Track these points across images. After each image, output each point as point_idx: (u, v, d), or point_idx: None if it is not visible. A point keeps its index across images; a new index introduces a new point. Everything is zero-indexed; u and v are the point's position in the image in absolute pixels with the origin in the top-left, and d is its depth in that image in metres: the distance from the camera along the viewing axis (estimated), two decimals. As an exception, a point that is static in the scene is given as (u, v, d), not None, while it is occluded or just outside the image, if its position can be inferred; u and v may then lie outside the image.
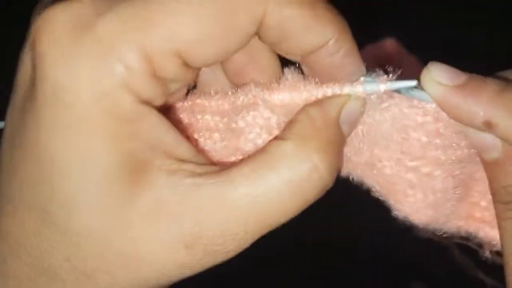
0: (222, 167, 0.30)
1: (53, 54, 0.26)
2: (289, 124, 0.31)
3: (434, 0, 0.99)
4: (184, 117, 0.33)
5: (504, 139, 0.32)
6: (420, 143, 0.35)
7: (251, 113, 0.32)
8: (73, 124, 0.26)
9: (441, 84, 0.32)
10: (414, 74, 0.36)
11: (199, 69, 0.30)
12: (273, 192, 0.28)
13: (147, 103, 0.27)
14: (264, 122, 0.32)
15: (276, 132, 0.32)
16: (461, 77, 0.33)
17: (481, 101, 0.32)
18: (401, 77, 0.35)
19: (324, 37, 0.30)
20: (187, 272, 0.29)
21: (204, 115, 0.32)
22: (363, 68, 0.34)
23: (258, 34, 0.29)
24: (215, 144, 0.33)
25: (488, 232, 0.40)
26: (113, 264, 0.28)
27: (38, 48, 0.26)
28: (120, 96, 0.26)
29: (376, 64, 0.34)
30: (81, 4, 0.26)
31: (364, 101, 0.33)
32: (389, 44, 0.95)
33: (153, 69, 0.27)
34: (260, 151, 0.30)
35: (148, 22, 0.26)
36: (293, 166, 0.29)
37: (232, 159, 0.33)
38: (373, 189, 0.38)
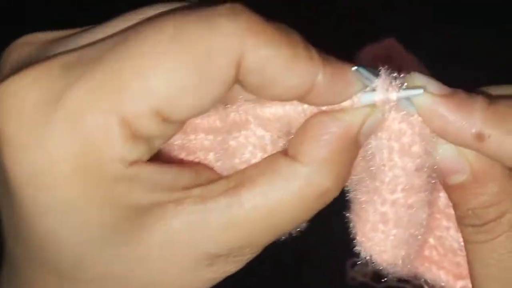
0: (228, 182, 0.30)
1: (22, 137, 0.23)
2: (302, 137, 0.30)
3: (434, 0, 1.00)
4: (177, 138, 0.32)
5: (492, 153, 0.31)
6: (404, 171, 0.33)
7: (243, 132, 0.31)
8: (59, 207, 0.25)
9: (428, 92, 0.31)
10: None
11: (183, 122, 0.28)
12: (284, 212, 0.29)
13: (134, 162, 0.26)
14: (257, 141, 0.31)
15: (270, 149, 0.32)
16: (447, 88, 0.31)
17: (472, 112, 0.30)
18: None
19: (309, 76, 0.28)
20: (210, 284, 0.31)
21: (197, 134, 0.32)
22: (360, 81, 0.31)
23: (239, 80, 0.27)
24: (211, 164, 0.32)
25: (435, 273, 0.38)
26: None
27: (4, 131, 0.24)
28: (103, 167, 0.25)
29: (375, 63, 0.33)
30: (49, 76, 0.25)
31: (384, 110, 0.31)
32: (389, 44, 0.95)
33: (132, 132, 0.25)
34: (270, 169, 0.30)
35: (119, 85, 0.24)
36: (306, 191, 0.29)
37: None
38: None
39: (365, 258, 0.35)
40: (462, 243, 0.36)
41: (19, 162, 0.23)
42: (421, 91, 0.31)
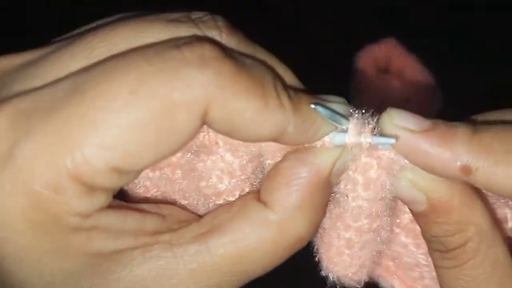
0: (199, 227, 0.29)
1: None
2: (273, 183, 0.29)
3: (435, 0, 1.00)
4: None
5: (483, 185, 0.30)
6: (367, 202, 0.32)
7: (211, 157, 0.30)
8: (15, 255, 0.24)
9: (407, 130, 0.30)
10: (414, 74, 0.35)
11: (143, 170, 0.27)
12: (254, 259, 0.29)
13: (92, 213, 0.25)
14: (225, 166, 0.30)
15: (239, 174, 0.31)
16: (426, 122, 0.30)
17: (455, 145, 0.29)
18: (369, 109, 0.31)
19: (279, 126, 0.27)
20: None
21: None
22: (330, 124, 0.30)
23: (206, 123, 0.26)
24: (177, 181, 0.31)
25: (389, 281, 0.38)
26: None
27: None
28: (57, 221, 0.24)
29: (375, 64, 0.33)
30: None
31: (353, 151, 0.30)
32: (389, 44, 0.95)
33: (88, 187, 0.24)
34: (242, 214, 0.29)
35: (71, 142, 0.23)
36: (277, 239, 0.29)
37: (196, 200, 0.31)
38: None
39: (333, 280, 0.35)
40: (421, 260, 0.36)
41: None
42: (393, 140, 0.30)
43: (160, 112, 0.23)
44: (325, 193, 0.30)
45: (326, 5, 1.03)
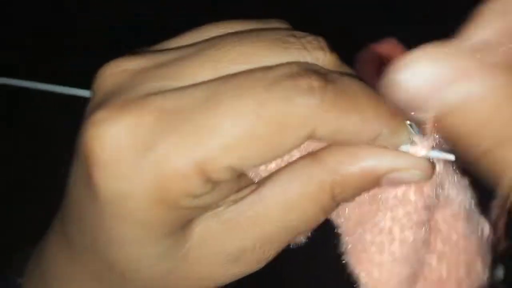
0: (257, 184, 0.33)
1: (114, 168, 0.29)
2: (336, 148, 0.32)
3: (435, 0, 1.00)
4: None
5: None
6: (415, 209, 0.34)
7: None
8: (132, 220, 0.30)
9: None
10: None
11: (248, 170, 0.32)
12: (300, 211, 0.32)
13: (204, 194, 0.31)
14: (286, 155, 0.33)
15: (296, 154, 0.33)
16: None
17: None
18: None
19: (375, 133, 0.31)
20: (235, 278, 0.35)
21: None
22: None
23: (312, 138, 0.31)
24: None
25: None
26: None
27: (95, 163, 0.29)
28: (175, 201, 0.30)
29: (376, 64, 0.33)
30: (143, 124, 0.29)
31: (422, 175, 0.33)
32: (390, 44, 0.95)
33: (206, 179, 0.30)
34: (291, 167, 0.32)
35: (201, 144, 0.29)
36: (318, 194, 0.32)
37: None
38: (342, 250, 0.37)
39: None
40: (441, 276, 0.37)
41: (109, 186, 0.29)
42: (452, 157, 0.32)
43: (274, 130, 0.29)
44: (368, 185, 0.32)
45: (326, 5, 1.03)
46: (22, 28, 1.08)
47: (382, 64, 0.33)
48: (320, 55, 0.32)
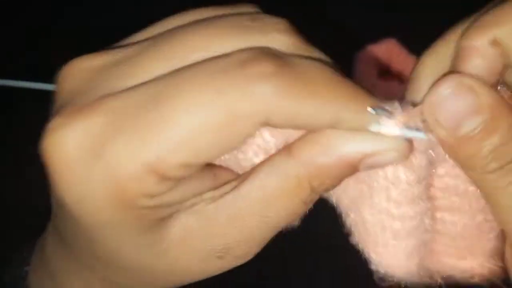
0: (236, 180, 0.32)
1: (69, 174, 0.29)
2: (308, 138, 0.31)
3: (435, 0, 0.99)
4: None
5: None
6: (409, 185, 0.33)
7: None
8: (99, 222, 0.30)
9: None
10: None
11: (205, 163, 0.31)
12: (279, 205, 0.31)
13: (161, 193, 0.30)
14: (262, 143, 0.32)
15: (272, 152, 0.32)
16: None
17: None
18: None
19: (333, 117, 0.29)
20: (221, 271, 0.34)
21: None
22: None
23: (266, 125, 0.30)
24: (224, 161, 0.34)
25: (445, 263, 0.38)
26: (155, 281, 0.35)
27: (55, 167, 0.29)
28: (133, 201, 0.29)
29: (376, 64, 0.33)
30: (94, 126, 0.28)
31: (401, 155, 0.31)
32: (390, 45, 0.95)
33: (160, 177, 0.29)
34: (269, 163, 0.31)
35: (151, 141, 0.28)
36: (294, 189, 0.31)
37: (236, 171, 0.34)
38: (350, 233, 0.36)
39: (381, 274, 0.35)
40: (458, 228, 0.36)
41: (68, 191, 0.29)
42: (426, 136, 0.31)
43: (226, 121, 0.28)
44: (348, 172, 0.31)
45: (326, 4, 1.02)
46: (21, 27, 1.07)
47: (381, 64, 0.32)
48: (280, 38, 0.30)
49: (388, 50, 0.94)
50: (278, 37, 0.30)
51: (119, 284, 0.35)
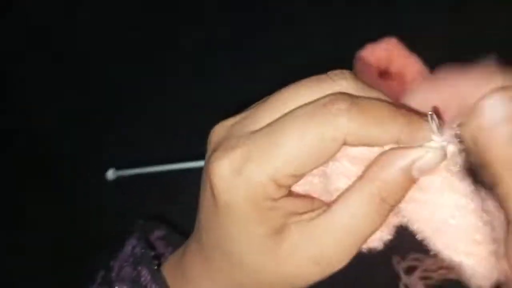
0: (327, 203, 0.43)
1: (222, 186, 0.42)
2: (376, 162, 0.41)
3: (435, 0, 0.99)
4: None
5: None
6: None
7: (336, 163, 0.42)
8: (240, 221, 0.42)
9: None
10: (414, 74, 0.36)
11: (303, 176, 0.42)
12: (359, 227, 0.41)
13: (279, 198, 0.42)
14: (344, 170, 0.42)
15: (354, 178, 0.42)
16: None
17: None
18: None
19: (394, 139, 0.40)
20: (314, 280, 0.44)
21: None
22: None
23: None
24: (314, 183, 0.44)
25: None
26: (265, 284, 0.45)
27: (214, 184, 0.42)
28: (263, 203, 0.41)
29: (376, 64, 0.34)
30: (236, 156, 0.42)
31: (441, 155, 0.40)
32: (390, 44, 0.95)
33: (279, 185, 0.41)
34: (349, 189, 0.42)
35: (270, 164, 0.41)
36: (370, 209, 0.41)
37: (324, 197, 0.44)
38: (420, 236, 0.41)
39: (468, 276, 0.41)
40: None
41: (222, 198, 0.42)
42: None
43: (319, 143, 0.40)
44: (405, 182, 0.40)
45: (326, 4, 1.03)
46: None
47: (381, 64, 0.33)
48: (347, 84, 0.42)
49: (388, 50, 0.95)
50: (345, 83, 0.42)
51: (243, 285, 0.46)
